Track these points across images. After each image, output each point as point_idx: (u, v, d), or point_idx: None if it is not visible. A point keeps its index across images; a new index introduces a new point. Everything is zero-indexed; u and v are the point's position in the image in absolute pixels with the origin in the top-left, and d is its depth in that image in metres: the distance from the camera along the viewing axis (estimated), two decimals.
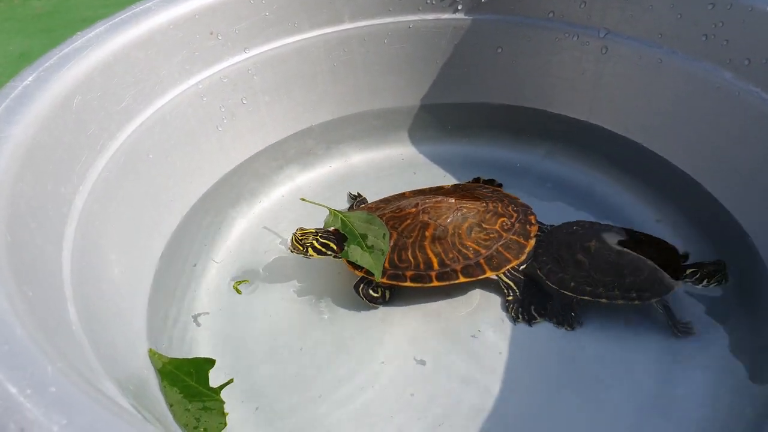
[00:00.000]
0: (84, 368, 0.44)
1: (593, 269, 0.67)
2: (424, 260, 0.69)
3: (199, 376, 0.60)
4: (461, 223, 0.70)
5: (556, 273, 0.69)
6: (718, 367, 0.63)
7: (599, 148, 0.89)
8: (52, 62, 0.64)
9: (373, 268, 0.68)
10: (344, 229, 0.71)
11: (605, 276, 0.66)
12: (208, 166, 0.83)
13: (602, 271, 0.67)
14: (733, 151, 0.74)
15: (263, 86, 0.86)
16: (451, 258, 0.69)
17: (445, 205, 0.72)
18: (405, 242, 0.70)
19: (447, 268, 0.68)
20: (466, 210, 0.72)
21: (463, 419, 0.60)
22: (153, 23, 0.73)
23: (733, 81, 0.72)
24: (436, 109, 0.96)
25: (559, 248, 0.70)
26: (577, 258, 0.68)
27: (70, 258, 0.56)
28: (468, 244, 0.69)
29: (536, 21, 0.87)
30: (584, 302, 0.67)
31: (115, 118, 0.69)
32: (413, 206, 0.72)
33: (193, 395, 0.59)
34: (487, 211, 0.72)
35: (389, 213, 0.73)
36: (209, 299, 0.74)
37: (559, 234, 0.72)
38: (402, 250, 0.69)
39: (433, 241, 0.69)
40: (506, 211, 0.73)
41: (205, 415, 0.57)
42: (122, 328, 0.62)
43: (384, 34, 0.90)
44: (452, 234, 0.70)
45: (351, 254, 0.69)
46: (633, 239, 0.69)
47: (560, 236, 0.72)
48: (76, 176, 0.63)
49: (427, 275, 0.68)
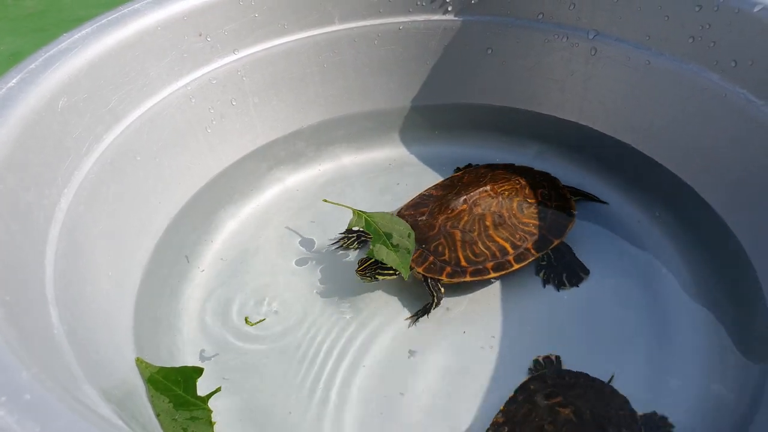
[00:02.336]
0: (63, 374, 0.44)
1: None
2: (497, 248, 0.71)
3: (187, 385, 0.59)
4: (511, 204, 0.74)
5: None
6: (705, 361, 0.64)
7: (589, 149, 0.89)
8: (38, 63, 0.64)
9: (400, 266, 0.68)
10: (368, 228, 0.71)
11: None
12: (197, 168, 0.83)
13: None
14: (720, 152, 0.74)
15: (252, 88, 0.86)
16: (518, 238, 0.72)
17: (489, 193, 0.75)
18: (471, 237, 0.71)
19: (521, 249, 0.71)
20: (507, 192, 0.76)
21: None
22: (141, 24, 0.73)
23: (720, 83, 0.72)
24: (427, 110, 0.96)
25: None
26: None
27: (54, 261, 0.56)
28: (526, 221, 0.73)
29: (526, 22, 0.87)
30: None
31: (102, 119, 0.69)
32: (463, 203, 0.74)
33: (180, 404, 0.58)
34: (523, 186, 0.77)
35: (442, 216, 0.73)
36: (199, 302, 0.74)
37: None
38: (473, 245, 0.71)
39: (496, 228, 0.72)
40: (536, 183, 0.79)
41: (192, 425, 0.57)
42: (108, 332, 0.62)
43: (374, 35, 0.90)
44: (509, 216, 0.73)
45: (377, 253, 0.69)
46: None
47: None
48: (61, 178, 0.62)
49: (507, 261, 0.70)
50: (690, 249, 0.75)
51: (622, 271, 0.74)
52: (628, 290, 0.72)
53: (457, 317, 0.70)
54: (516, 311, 0.71)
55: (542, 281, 0.73)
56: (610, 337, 0.67)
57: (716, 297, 0.69)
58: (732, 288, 0.69)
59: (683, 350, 0.65)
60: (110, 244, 0.68)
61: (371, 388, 0.64)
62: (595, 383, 0.61)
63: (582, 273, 0.73)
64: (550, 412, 0.57)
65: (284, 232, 0.82)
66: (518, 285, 0.73)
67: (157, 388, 0.59)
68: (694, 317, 0.68)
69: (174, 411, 0.58)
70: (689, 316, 0.68)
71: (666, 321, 0.68)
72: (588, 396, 0.59)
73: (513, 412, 0.58)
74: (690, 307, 0.69)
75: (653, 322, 0.68)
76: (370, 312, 0.71)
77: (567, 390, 0.60)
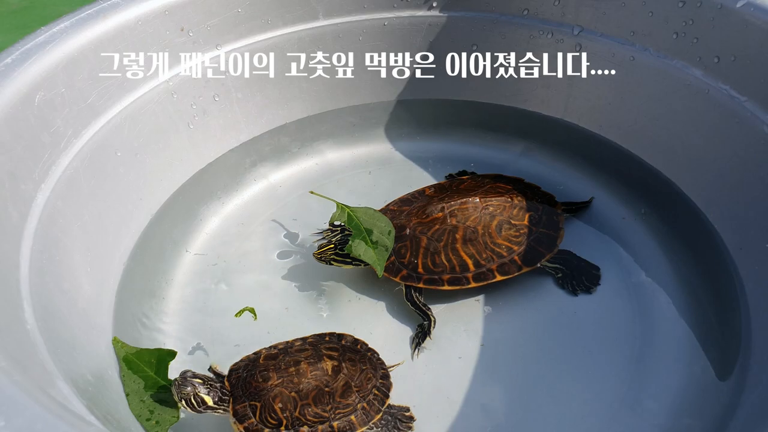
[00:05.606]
0: (36, 370, 0.43)
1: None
2: (459, 263, 0.69)
3: (160, 367, 0.59)
4: (490, 221, 0.71)
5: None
6: (687, 353, 0.64)
7: (574, 145, 0.89)
8: (14, 57, 0.63)
9: (376, 264, 0.67)
10: (350, 223, 0.70)
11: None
12: (179, 164, 0.82)
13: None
14: (703, 148, 0.74)
15: (236, 83, 0.85)
16: (485, 258, 0.69)
17: (471, 206, 0.72)
18: (437, 246, 0.69)
19: (483, 269, 0.69)
20: (492, 208, 0.72)
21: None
22: (120, 19, 0.72)
23: (703, 78, 0.72)
24: (412, 105, 0.96)
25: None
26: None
27: (29, 256, 0.55)
28: (500, 242, 0.70)
29: (511, 18, 0.86)
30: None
31: (80, 114, 0.68)
32: (439, 210, 0.72)
33: (151, 386, 0.59)
34: (513, 206, 0.73)
35: (416, 220, 0.72)
36: (180, 299, 0.73)
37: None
38: (435, 255, 0.69)
39: (465, 243, 0.69)
40: (531, 204, 0.74)
41: (159, 408, 0.57)
42: (85, 328, 0.61)
43: (359, 31, 0.89)
44: (483, 234, 0.70)
45: (355, 249, 0.68)
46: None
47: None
48: (38, 173, 0.62)
49: (464, 277, 0.68)
50: (673, 244, 0.75)
51: (607, 266, 0.73)
52: (611, 285, 0.72)
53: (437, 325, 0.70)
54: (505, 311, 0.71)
55: (569, 293, 0.71)
56: (593, 330, 0.67)
57: (698, 291, 0.70)
58: (713, 282, 0.69)
59: (666, 342, 0.65)
60: (89, 240, 0.67)
61: None
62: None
63: (595, 271, 0.73)
64: None
65: (267, 228, 0.82)
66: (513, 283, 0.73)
67: (130, 368, 0.60)
68: (677, 311, 0.68)
69: (143, 392, 0.58)
70: (672, 309, 0.68)
71: (649, 315, 0.68)
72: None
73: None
74: (673, 300, 0.69)
75: (636, 316, 0.68)
76: (350, 311, 0.71)
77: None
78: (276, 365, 0.58)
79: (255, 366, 0.59)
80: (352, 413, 0.56)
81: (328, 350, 0.61)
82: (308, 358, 0.59)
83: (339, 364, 0.59)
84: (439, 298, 0.71)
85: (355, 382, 0.58)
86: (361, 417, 0.57)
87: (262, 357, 0.60)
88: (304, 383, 0.57)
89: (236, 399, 0.57)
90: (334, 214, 0.71)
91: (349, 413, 0.56)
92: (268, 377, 0.57)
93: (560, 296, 0.71)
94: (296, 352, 0.60)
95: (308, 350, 0.60)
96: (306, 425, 0.55)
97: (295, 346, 0.61)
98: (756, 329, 0.62)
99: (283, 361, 0.59)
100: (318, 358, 0.59)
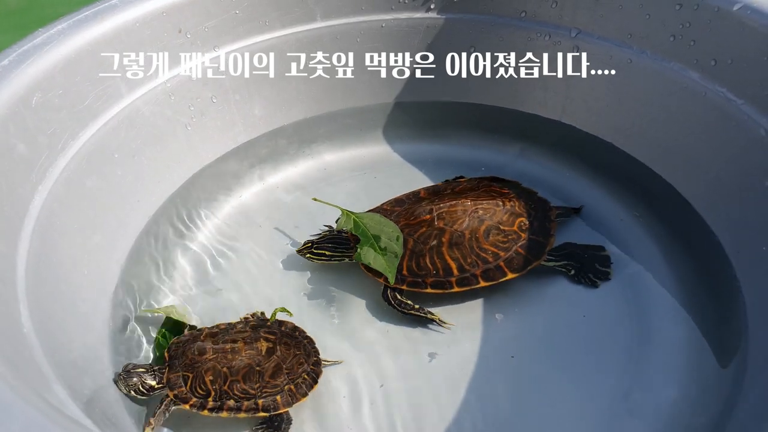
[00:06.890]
0: (32, 373, 0.43)
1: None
2: (443, 267, 0.68)
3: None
4: (478, 226, 0.70)
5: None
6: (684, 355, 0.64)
7: (571, 147, 0.89)
8: (11, 59, 0.63)
9: (387, 271, 0.66)
10: (357, 230, 0.69)
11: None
12: (177, 166, 0.82)
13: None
14: (700, 150, 0.74)
15: (234, 85, 0.85)
16: (470, 263, 0.68)
17: (460, 209, 0.71)
18: (422, 249, 0.69)
19: (467, 273, 0.68)
20: (482, 212, 0.71)
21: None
22: (118, 20, 0.72)
23: (700, 81, 0.72)
24: (411, 107, 0.96)
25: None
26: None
27: (26, 259, 0.55)
28: (486, 248, 0.69)
29: (508, 20, 0.86)
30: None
31: (78, 116, 0.68)
32: (427, 213, 0.71)
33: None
34: (504, 211, 0.71)
35: (403, 221, 0.72)
36: (179, 302, 0.73)
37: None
38: (420, 257, 0.69)
39: (451, 246, 0.68)
40: (524, 210, 0.73)
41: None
42: (83, 331, 0.61)
43: (357, 32, 0.89)
44: (469, 238, 0.69)
45: (364, 257, 0.67)
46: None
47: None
48: (35, 175, 0.62)
49: (448, 281, 0.68)
50: (671, 246, 0.75)
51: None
52: (609, 286, 0.72)
53: (440, 329, 0.70)
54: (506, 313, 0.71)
55: (588, 286, 0.70)
56: (591, 331, 0.67)
57: (696, 292, 0.70)
58: (712, 284, 0.69)
59: (663, 344, 0.65)
60: (87, 242, 0.67)
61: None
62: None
63: (602, 252, 0.73)
64: None
65: (266, 231, 0.81)
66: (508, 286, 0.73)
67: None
68: (674, 312, 0.68)
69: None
70: (670, 311, 0.68)
71: (646, 316, 0.68)
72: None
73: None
74: (670, 302, 0.69)
75: (633, 317, 0.68)
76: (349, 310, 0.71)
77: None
78: (214, 342, 0.62)
79: (195, 340, 0.63)
80: (279, 393, 0.59)
81: (266, 333, 0.64)
82: (246, 338, 0.63)
83: (274, 346, 0.62)
84: (440, 299, 0.71)
85: (286, 364, 0.61)
86: (286, 398, 0.60)
87: (204, 334, 0.64)
88: (237, 360, 0.60)
89: (171, 368, 0.61)
90: (340, 221, 0.71)
91: (275, 393, 0.59)
92: (204, 351, 0.61)
93: (558, 297, 0.71)
94: (236, 333, 0.64)
95: (247, 332, 0.64)
96: (232, 399, 0.59)
97: (237, 327, 0.65)
98: (753, 330, 0.62)
99: (221, 339, 0.63)
100: (255, 339, 0.63)
